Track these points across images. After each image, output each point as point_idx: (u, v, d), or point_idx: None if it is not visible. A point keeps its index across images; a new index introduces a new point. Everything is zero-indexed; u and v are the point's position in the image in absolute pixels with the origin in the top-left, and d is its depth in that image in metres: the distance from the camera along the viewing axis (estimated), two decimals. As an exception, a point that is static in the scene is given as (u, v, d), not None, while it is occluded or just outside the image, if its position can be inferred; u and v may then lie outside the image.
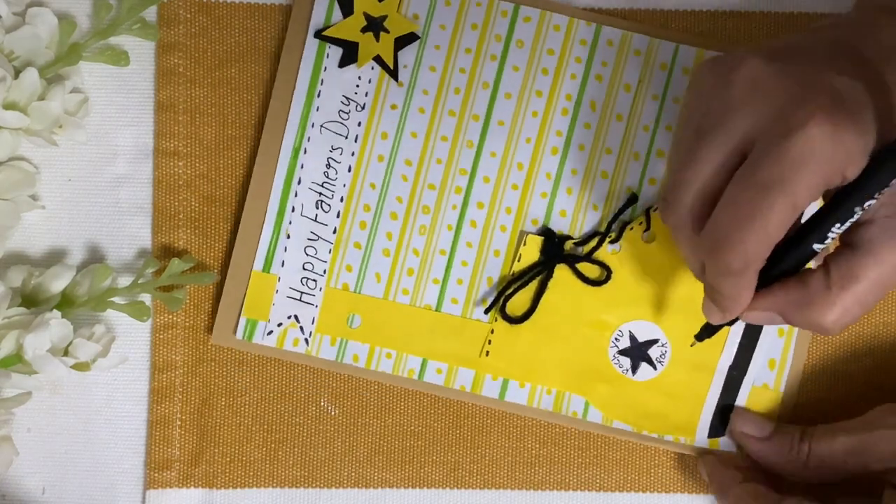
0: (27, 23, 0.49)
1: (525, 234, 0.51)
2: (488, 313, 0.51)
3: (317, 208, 0.51)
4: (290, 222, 0.51)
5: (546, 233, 0.51)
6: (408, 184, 0.51)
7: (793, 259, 0.43)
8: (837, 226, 0.41)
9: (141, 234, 0.52)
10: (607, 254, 0.51)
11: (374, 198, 0.51)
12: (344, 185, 0.51)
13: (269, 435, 0.52)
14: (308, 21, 0.51)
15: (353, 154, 0.51)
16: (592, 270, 0.51)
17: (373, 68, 0.51)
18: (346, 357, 0.51)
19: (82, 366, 0.48)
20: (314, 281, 0.51)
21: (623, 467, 0.52)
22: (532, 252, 0.51)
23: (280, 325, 0.51)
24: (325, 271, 0.51)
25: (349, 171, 0.51)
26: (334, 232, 0.51)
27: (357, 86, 0.51)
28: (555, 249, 0.51)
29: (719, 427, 0.52)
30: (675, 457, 0.52)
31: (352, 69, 0.51)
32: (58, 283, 0.49)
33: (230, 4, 0.52)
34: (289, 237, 0.51)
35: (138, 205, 0.52)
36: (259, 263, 0.51)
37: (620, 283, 0.51)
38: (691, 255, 0.44)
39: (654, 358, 0.51)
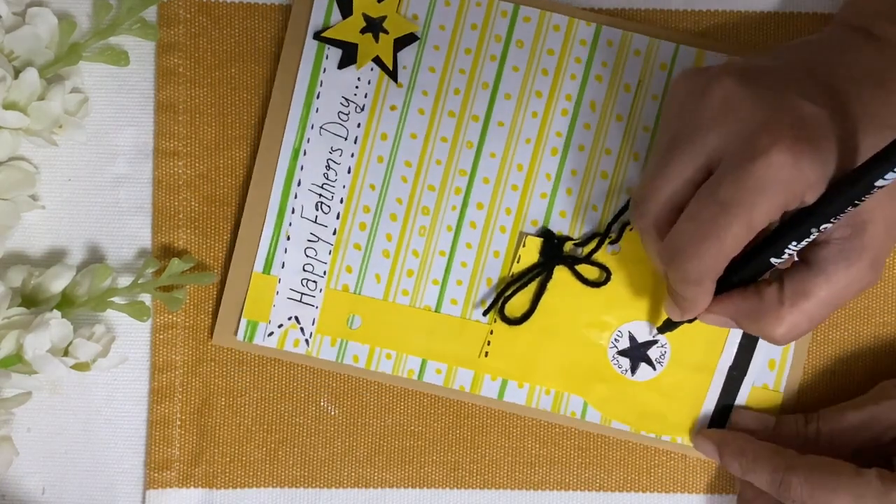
0: (27, 23, 0.49)
1: (524, 235, 0.51)
2: (487, 315, 0.51)
3: (317, 210, 0.51)
4: (290, 224, 0.51)
5: (545, 234, 0.51)
6: (407, 185, 0.51)
7: (751, 270, 0.45)
8: (794, 244, 0.43)
9: (141, 234, 0.52)
10: (607, 255, 0.51)
11: (374, 199, 0.51)
12: (344, 187, 0.51)
13: (269, 435, 0.52)
14: (307, 22, 0.51)
15: (352, 155, 0.51)
16: (592, 272, 0.51)
17: (372, 69, 0.51)
18: (347, 358, 0.51)
19: (82, 366, 0.48)
20: (314, 282, 0.51)
21: (623, 467, 0.52)
22: (531, 253, 0.51)
23: (281, 326, 0.51)
24: (325, 272, 0.51)
25: (349, 172, 0.51)
26: (334, 233, 0.51)
27: (356, 87, 0.51)
28: (554, 251, 0.51)
29: (719, 427, 0.52)
30: (675, 457, 0.52)
31: (351, 70, 0.51)
32: (58, 283, 0.49)
33: (230, 4, 0.52)
34: (289, 238, 0.51)
35: (138, 205, 0.52)
36: (259, 265, 0.51)
37: (620, 284, 0.51)
38: (656, 259, 0.46)
39: (653, 358, 0.51)
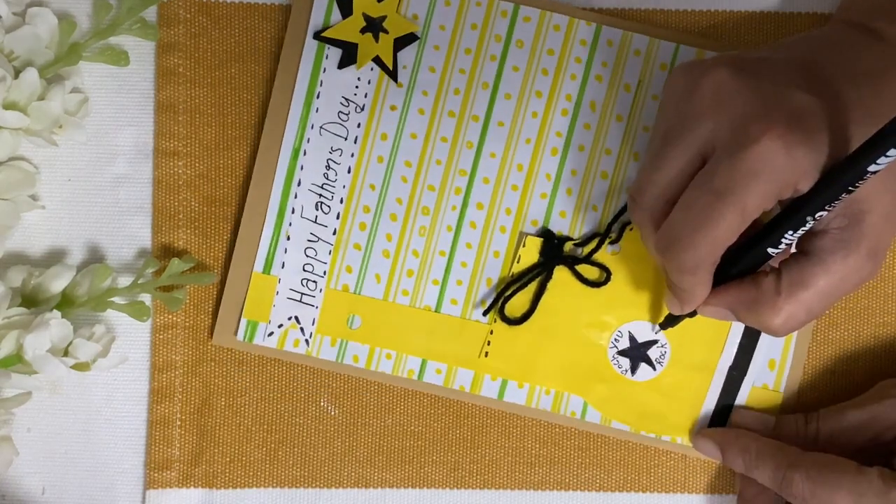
0: (27, 23, 0.49)
1: (524, 235, 0.51)
2: (487, 315, 0.51)
3: (316, 210, 0.51)
4: (290, 224, 0.51)
5: (545, 234, 0.51)
6: (407, 185, 0.51)
7: (749, 260, 0.45)
8: (791, 233, 0.43)
9: (141, 234, 0.52)
10: (607, 255, 0.51)
11: (374, 199, 0.51)
12: (343, 187, 0.51)
13: (269, 435, 0.52)
14: (307, 22, 0.51)
15: (352, 155, 0.51)
16: (591, 272, 0.51)
17: (372, 69, 0.51)
18: (347, 358, 0.51)
19: (82, 366, 0.48)
20: (314, 282, 0.51)
21: (623, 467, 0.52)
22: (531, 253, 0.51)
23: (281, 326, 0.51)
24: (325, 272, 0.51)
25: (349, 172, 0.51)
26: (334, 233, 0.51)
27: (356, 87, 0.51)
28: (554, 251, 0.51)
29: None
30: (675, 457, 0.52)
31: (351, 70, 0.51)
32: (58, 283, 0.49)
33: (230, 4, 0.52)
34: (289, 239, 0.51)
35: (138, 205, 0.52)
36: (259, 265, 0.51)
37: (620, 284, 0.51)
38: (653, 250, 0.46)
39: (653, 359, 0.51)
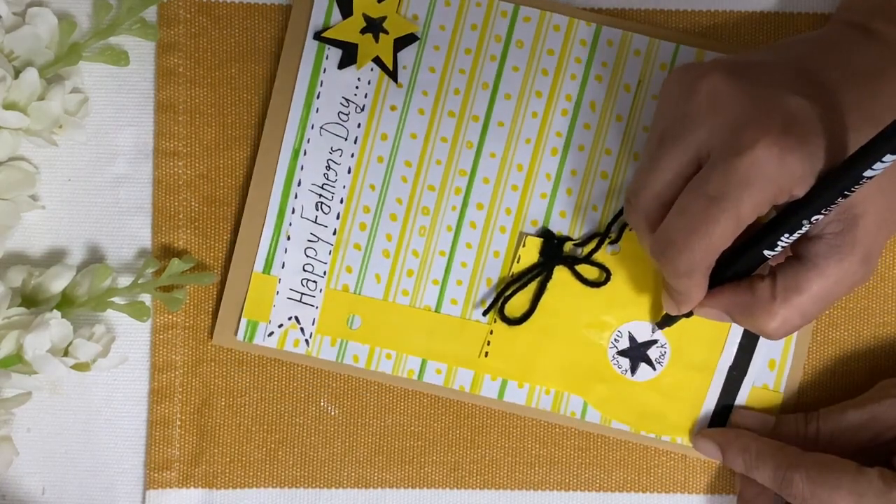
0: (27, 23, 0.49)
1: (524, 235, 0.51)
2: (487, 315, 0.51)
3: (317, 210, 0.51)
4: (290, 224, 0.51)
5: (545, 234, 0.51)
6: (407, 185, 0.51)
7: (744, 263, 0.45)
8: (786, 236, 0.43)
9: (141, 234, 0.52)
10: (607, 255, 0.51)
11: (374, 199, 0.51)
12: (344, 187, 0.51)
13: (269, 435, 0.52)
14: (307, 23, 0.51)
15: (352, 155, 0.51)
16: (591, 272, 0.51)
17: (372, 69, 0.51)
18: (347, 358, 0.51)
19: (82, 366, 0.48)
20: (314, 282, 0.51)
21: (623, 467, 0.52)
22: (531, 253, 0.51)
23: (281, 326, 0.51)
24: (325, 273, 0.51)
25: (349, 172, 0.51)
26: (334, 233, 0.51)
27: (356, 87, 0.51)
28: (554, 251, 0.51)
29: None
30: (675, 457, 0.52)
31: (351, 70, 0.51)
32: (58, 283, 0.49)
33: (230, 4, 0.52)
34: (289, 239, 0.51)
35: (138, 205, 0.52)
36: (259, 265, 0.51)
37: (620, 284, 0.51)
38: (649, 253, 0.46)
39: (653, 358, 0.51)
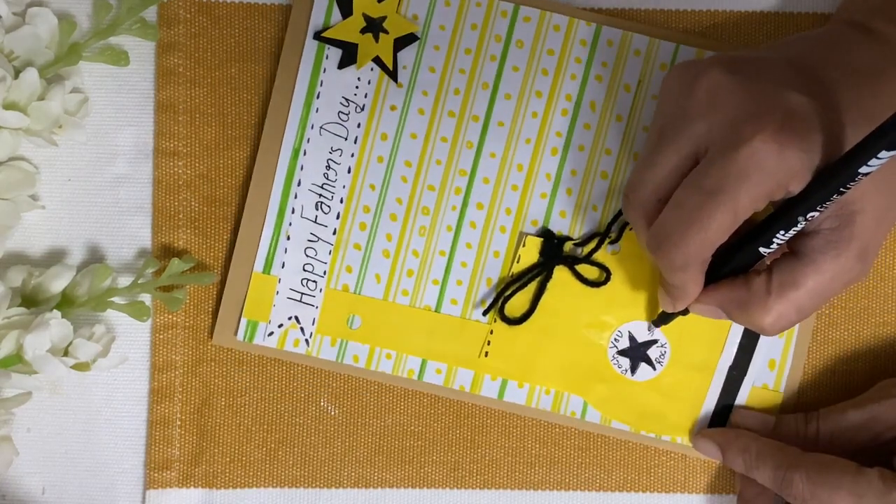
0: (27, 23, 0.49)
1: (524, 235, 0.51)
2: (487, 315, 0.51)
3: (316, 210, 0.51)
4: (290, 224, 0.51)
5: (545, 234, 0.51)
6: (407, 185, 0.51)
7: (740, 259, 0.45)
8: (782, 232, 0.43)
9: (141, 234, 0.52)
10: (607, 254, 0.51)
11: (374, 199, 0.51)
12: (343, 187, 0.51)
13: (269, 435, 0.52)
14: (307, 22, 0.51)
15: (352, 155, 0.51)
16: (591, 272, 0.51)
17: (372, 69, 0.51)
18: (347, 358, 0.51)
19: (82, 366, 0.48)
20: (314, 282, 0.51)
21: (623, 467, 0.52)
22: (531, 253, 0.51)
23: (281, 326, 0.51)
24: (325, 272, 0.51)
25: (349, 172, 0.51)
26: (334, 233, 0.51)
27: (356, 87, 0.51)
28: (554, 251, 0.51)
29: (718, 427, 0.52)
30: (675, 457, 0.52)
31: (351, 70, 0.51)
32: (58, 283, 0.49)
33: (230, 4, 0.52)
34: (289, 238, 0.51)
35: (138, 205, 0.52)
36: (259, 265, 0.51)
37: (620, 284, 0.51)
38: (646, 248, 0.46)
39: (653, 358, 0.51)
